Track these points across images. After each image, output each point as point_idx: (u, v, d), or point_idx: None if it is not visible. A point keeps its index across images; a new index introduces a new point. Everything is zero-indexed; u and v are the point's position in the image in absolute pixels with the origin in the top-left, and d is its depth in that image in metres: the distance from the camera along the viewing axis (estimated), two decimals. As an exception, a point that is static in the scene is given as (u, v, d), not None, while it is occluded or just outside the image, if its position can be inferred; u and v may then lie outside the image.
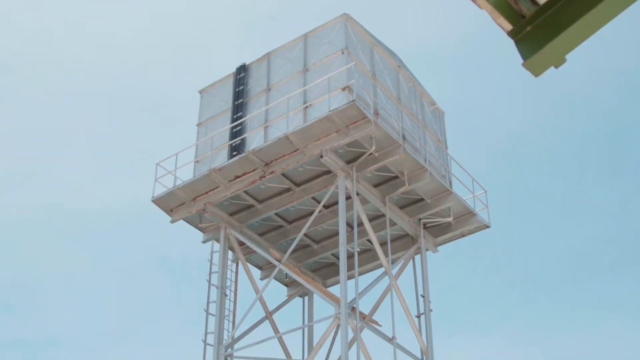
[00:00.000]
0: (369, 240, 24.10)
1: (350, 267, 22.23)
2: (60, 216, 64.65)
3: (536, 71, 4.82)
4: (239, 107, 24.01)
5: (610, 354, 71.06)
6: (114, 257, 67.70)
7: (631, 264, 65.49)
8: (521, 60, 4.81)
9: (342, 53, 22.18)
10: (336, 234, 23.82)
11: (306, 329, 25.28)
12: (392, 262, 23.27)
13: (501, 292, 72.10)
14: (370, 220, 23.18)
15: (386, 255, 22.64)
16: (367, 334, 22.03)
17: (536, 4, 4.94)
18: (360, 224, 22.70)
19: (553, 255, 65.46)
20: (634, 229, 63.68)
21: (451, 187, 23.89)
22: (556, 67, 4.81)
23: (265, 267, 26.04)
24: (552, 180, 63.42)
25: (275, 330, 24.14)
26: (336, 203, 22.67)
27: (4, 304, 74.87)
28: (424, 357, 22.92)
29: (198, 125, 25.08)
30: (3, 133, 59.48)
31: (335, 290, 24.65)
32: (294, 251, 24.66)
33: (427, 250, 24.22)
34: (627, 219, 63.43)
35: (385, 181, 23.01)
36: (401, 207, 23.82)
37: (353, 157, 22.06)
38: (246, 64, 24.71)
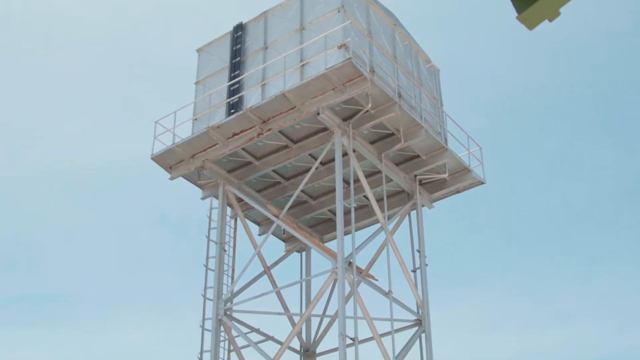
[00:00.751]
0: (365, 197, 24.48)
1: (347, 222, 22.62)
2: (61, 173, 64.91)
3: (530, 24, 4.95)
4: (236, 66, 24.22)
5: (604, 309, 71.88)
6: (114, 214, 68.02)
7: (625, 220, 66.04)
8: (515, 14, 4.94)
9: (338, 12, 22.36)
10: (333, 190, 24.19)
11: (304, 284, 25.73)
12: (388, 218, 23.66)
13: (496, 248, 72.68)
14: (367, 176, 23.53)
15: (382, 211, 23.01)
16: (363, 288, 22.47)
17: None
18: (357, 180, 23.07)
19: (547, 211, 65.96)
20: (627, 184, 64.16)
21: (446, 144, 24.21)
22: (550, 20, 4.93)
23: (264, 223, 26.43)
24: (546, 136, 63.74)
25: (274, 284, 24.58)
26: (333, 160, 22.99)
27: (7, 260, 75.28)
28: (420, 311, 23.38)
29: (196, 83, 25.30)
30: (3, 91, 59.58)
31: (332, 245, 25.10)
32: (291, 207, 25.04)
33: (422, 206, 24.60)
34: (621, 175, 63.88)
35: (381, 138, 23.33)
36: (397, 164, 24.16)
37: (349, 115, 22.35)
38: (243, 22, 24.88)
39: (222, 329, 22.84)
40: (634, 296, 69.33)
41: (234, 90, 23.73)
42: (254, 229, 26.40)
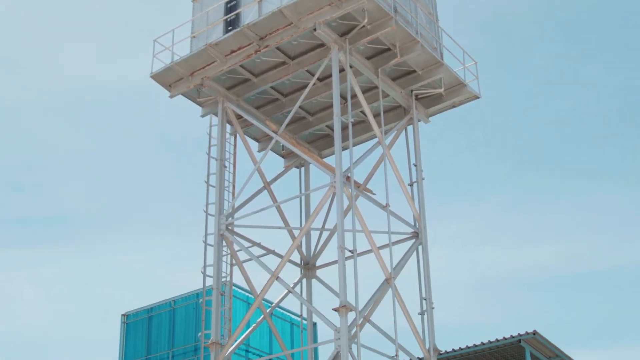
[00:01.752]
0: (362, 112, 24.77)
1: (344, 138, 22.98)
2: (61, 95, 65.04)
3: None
4: (233, -17, 24.23)
5: (598, 223, 72.70)
6: (116, 135, 68.33)
7: (619, 136, 66.37)
8: None
9: None
10: (330, 106, 24.45)
11: (303, 198, 26.21)
12: (385, 133, 24.00)
13: (492, 163, 73.18)
14: (364, 92, 23.78)
15: (379, 126, 23.33)
16: (361, 202, 22.91)
17: None
18: (354, 95, 23.33)
19: (542, 126, 66.23)
20: (622, 100, 64.28)
21: (442, 59, 24.39)
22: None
23: (263, 140, 26.79)
24: (541, 52, 63.61)
25: (274, 199, 25.05)
26: (330, 76, 23.19)
27: (12, 183, 75.85)
28: (417, 224, 23.88)
29: (194, 1, 25.31)
30: (2, 13, 59.30)
31: (330, 160, 25.52)
32: (290, 124, 25.36)
33: (419, 120, 24.90)
34: (616, 91, 63.96)
35: (378, 53, 23.50)
36: (393, 79, 24.38)
37: (346, 30, 22.49)
38: (239, -62, 24.77)
39: (224, 243, 23.39)
40: (628, 211, 70.09)
41: (231, 7, 23.81)
42: (254, 145, 26.78)
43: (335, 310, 19.90)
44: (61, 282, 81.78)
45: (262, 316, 23.39)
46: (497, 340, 23.83)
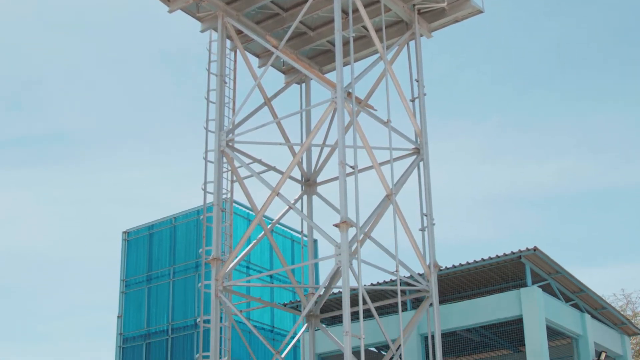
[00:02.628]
0: (364, 27, 24.40)
1: (345, 53, 22.64)
2: (60, 12, 64.26)
3: None
4: None
5: (600, 143, 72.58)
6: (115, 51, 67.78)
7: (622, 57, 65.76)
8: None
9: None
10: (331, 20, 24.05)
11: (304, 114, 26.01)
12: (387, 48, 23.67)
13: (495, 82, 72.70)
14: (365, 6, 23.37)
15: (381, 41, 23.01)
16: (363, 118, 22.73)
17: None
18: (355, 10, 22.94)
19: (545, 44, 65.56)
20: (625, 20, 63.49)
21: (445, -28, 23.90)
22: None
23: (263, 55, 26.45)
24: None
25: (274, 115, 24.84)
26: (331, -11, 22.76)
27: (11, 101, 75.47)
28: (418, 140, 23.75)
29: None
30: None
31: (331, 76, 25.20)
32: (290, 39, 25.00)
33: (421, 36, 24.54)
34: (620, 9, 63.12)
35: (380, -34, 23.05)
36: (396, -7, 23.95)
37: (348, -57, 22.01)
38: None
39: (224, 160, 23.28)
40: (629, 131, 69.92)
41: None
42: (254, 61, 26.44)
43: (335, 226, 19.91)
44: (62, 201, 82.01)
45: (263, 232, 23.42)
46: (498, 257, 23.94)
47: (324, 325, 24.13)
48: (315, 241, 33.56)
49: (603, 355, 26.00)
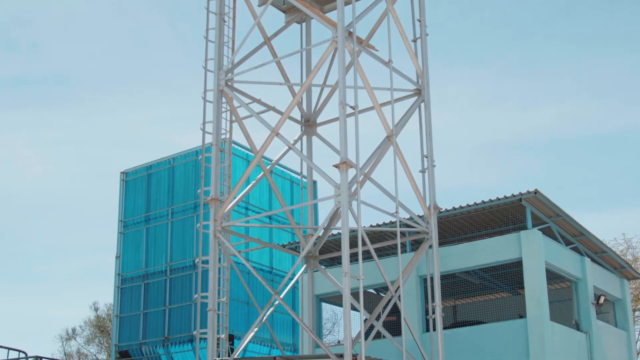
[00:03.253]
0: (366, -35, 23.93)
1: (347, -9, 22.22)
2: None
3: None
4: None
5: (601, 87, 72.16)
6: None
7: (625, 1, 65.00)
8: None
9: None
10: (333, -42, 23.62)
11: (304, 54, 25.63)
12: (389, -13, 23.24)
13: (496, 27, 71.99)
14: (368, -57, 22.90)
15: (383, -21, 22.58)
16: (364, 58, 22.41)
17: None
18: (358, -53, 22.46)
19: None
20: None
21: None
22: None
23: (263, -7, 26.00)
24: None
25: (274, 55, 24.49)
26: None
27: (7, 42, 74.72)
28: (420, 81, 23.45)
29: None
30: None
31: (332, 16, 24.78)
32: (290, -23, 24.53)
33: (424, -26, 24.08)
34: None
35: None
36: None
37: None
38: None
39: (223, 100, 23.02)
40: (631, 76, 69.41)
41: None
42: (254, 0, 25.99)
43: (335, 167, 19.74)
44: (60, 142, 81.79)
45: (262, 173, 23.23)
46: (498, 199, 23.78)
47: (322, 267, 24.08)
48: (314, 182, 33.42)
49: (602, 299, 26.01)
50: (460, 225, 25.72)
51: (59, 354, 51.61)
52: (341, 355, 18.37)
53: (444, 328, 22.70)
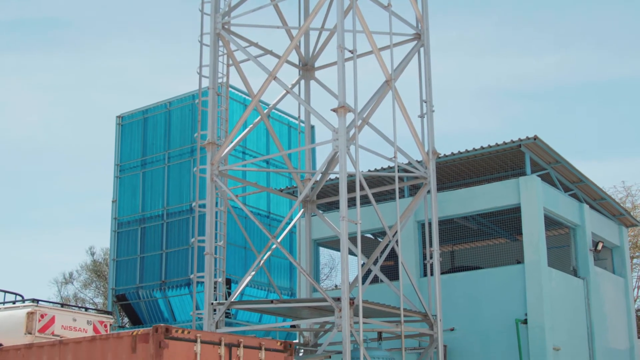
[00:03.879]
0: None
1: None
2: None
3: None
4: None
5: (601, 35, 71.52)
6: None
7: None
8: None
9: None
10: None
11: (302, -4, 25.27)
12: None
13: (498, -31, 71.10)
14: None
15: None
16: (363, 2, 22.04)
17: None
18: None
19: None
20: None
21: None
22: None
23: None
24: None
25: (272, -3, 24.11)
26: None
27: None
28: (419, 25, 23.14)
29: None
30: None
31: (331, -43, 24.35)
32: None
33: None
34: None
35: None
36: None
37: None
38: None
39: (220, 43, 22.71)
40: (631, 25, 68.74)
41: None
42: (251, -60, 25.53)
43: (333, 111, 19.53)
44: (56, 86, 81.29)
45: (259, 117, 23.02)
46: (497, 145, 23.61)
47: (320, 211, 23.98)
48: (312, 127, 33.24)
49: (600, 246, 26.00)
50: (458, 171, 25.59)
51: (55, 298, 51.83)
52: (338, 299, 18.34)
53: (442, 273, 22.70)
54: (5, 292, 21.51)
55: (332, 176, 24.00)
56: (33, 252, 78.80)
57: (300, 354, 21.84)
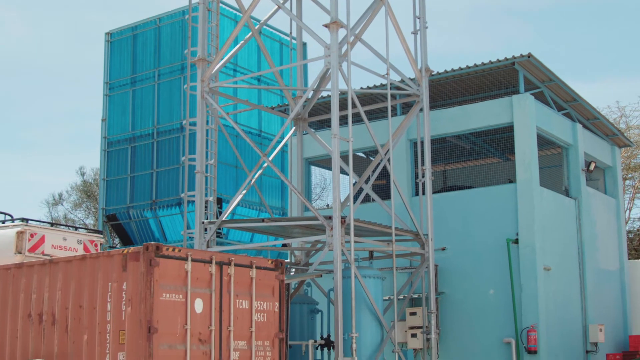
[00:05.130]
0: None
1: None
2: None
3: None
4: None
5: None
6: None
7: None
8: None
9: None
10: None
11: None
12: None
13: None
14: None
15: None
16: None
17: None
18: None
19: None
20: None
21: None
22: None
23: None
24: None
25: None
26: None
27: None
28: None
29: None
30: None
31: None
32: None
33: None
34: None
35: None
36: None
37: None
38: None
39: (210, -44, 22.14)
40: None
41: None
42: None
43: (325, 26, 19.13)
44: (43, 3, 79.99)
45: (250, 33, 22.58)
46: (491, 62, 23.28)
47: (312, 130, 23.72)
48: (304, 44, 32.77)
49: (592, 166, 25.87)
50: (452, 89, 25.30)
51: (45, 219, 51.77)
52: (330, 218, 18.24)
53: (434, 192, 22.60)
54: (-6, 211, 21.32)
55: (324, 94, 23.71)
56: (22, 173, 78.59)
57: (292, 273, 21.84)
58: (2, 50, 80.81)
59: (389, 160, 20.48)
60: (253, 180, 21.42)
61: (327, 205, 29.66)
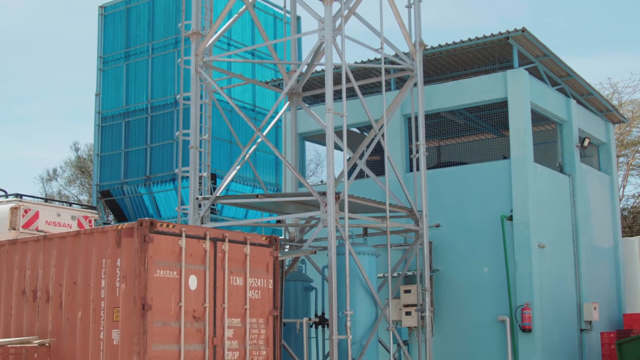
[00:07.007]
0: None
1: None
2: None
3: None
4: None
5: None
6: None
7: None
8: None
9: None
10: None
11: None
12: None
13: None
14: None
15: None
16: None
17: None
18: None
19: None
20: None
21: None
22: None
23: None
24: None
25: None
26: None
27: None
28: None
29: None
30: None
31: None
32: None
33: None
34: None
35: None
36: None
37: None
38: None
39: None
40: None
41: None
42: None
43: (319, 0, 18.98)
44: (37, -24, 79.41)
45: (244, 6, 22.43)
46: (485, 37, 23.17)
47: (306, 105, 23.61)
48: (298, 18, 32.62)
49: (586, 142, 25.84)
50: (446, 64, 25.20)
51: (39, 195, 51.65)
52: (324, 194, 18.19)
53: (428, 168, 22.54)
54: (-13, 187, 21.23)
55: (318, 68, 23.62)
56: (15, 149, 78.35)
57: (286, 250, 21.82)
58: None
59: (383, 135, 20.41)
60: (247, 156, 21.34)
61: (322, 182, 29.62)
